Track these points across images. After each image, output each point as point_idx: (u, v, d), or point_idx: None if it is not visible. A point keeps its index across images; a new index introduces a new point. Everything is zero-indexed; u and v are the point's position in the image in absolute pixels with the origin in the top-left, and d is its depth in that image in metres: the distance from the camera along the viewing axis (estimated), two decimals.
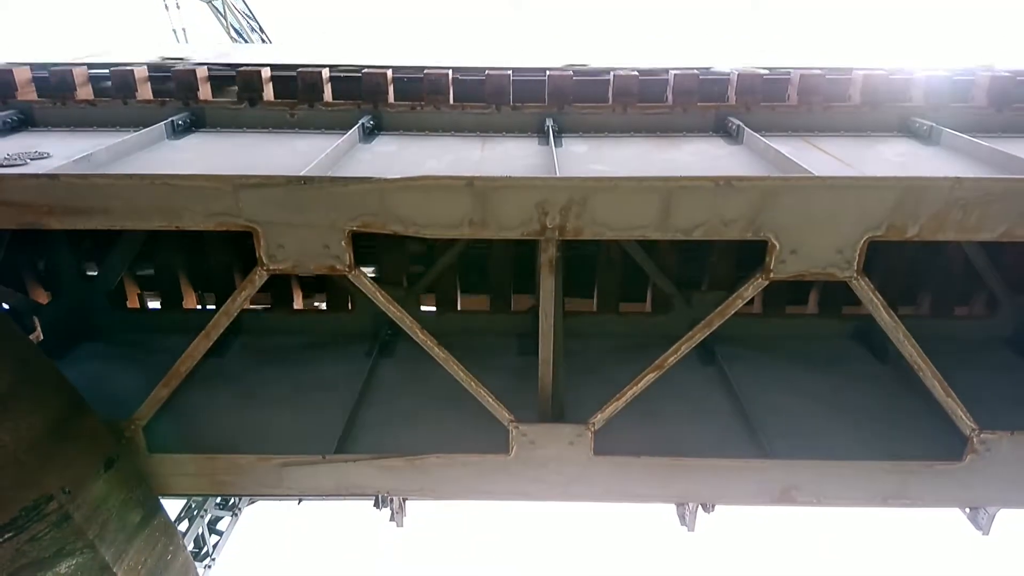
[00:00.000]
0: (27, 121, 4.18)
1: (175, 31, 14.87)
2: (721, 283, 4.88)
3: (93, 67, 4.43)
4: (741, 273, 4.89)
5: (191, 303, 5.38)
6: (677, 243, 4.90)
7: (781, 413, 4.03)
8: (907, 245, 4.85)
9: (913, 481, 3.52)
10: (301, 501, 9.73)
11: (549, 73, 4.23)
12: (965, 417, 3.38)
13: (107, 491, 3.33)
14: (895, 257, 4.99)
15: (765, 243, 3.07)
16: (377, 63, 4.47)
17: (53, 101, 4.24)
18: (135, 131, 3.89)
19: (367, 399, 4.23)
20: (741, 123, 4.01)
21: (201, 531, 11.56)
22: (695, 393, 4.23)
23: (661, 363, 3.40)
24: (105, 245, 5.04)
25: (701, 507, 3.94)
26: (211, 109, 4.29)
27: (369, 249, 4.89)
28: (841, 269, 3.08)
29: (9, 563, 2.95)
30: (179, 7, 14.76)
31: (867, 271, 3.12)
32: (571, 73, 4.23)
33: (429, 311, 5.14)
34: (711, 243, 4.85)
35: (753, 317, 4.97)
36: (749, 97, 4.26)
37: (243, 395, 4.25)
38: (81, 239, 5.19)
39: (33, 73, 4.32)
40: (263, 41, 16.05)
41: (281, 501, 10.42)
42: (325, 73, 4.28)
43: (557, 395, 3.60)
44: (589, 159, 3.68)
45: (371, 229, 3.08)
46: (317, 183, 3.00)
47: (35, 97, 4.31)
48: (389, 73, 4.28)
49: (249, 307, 5.01)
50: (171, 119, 4.05)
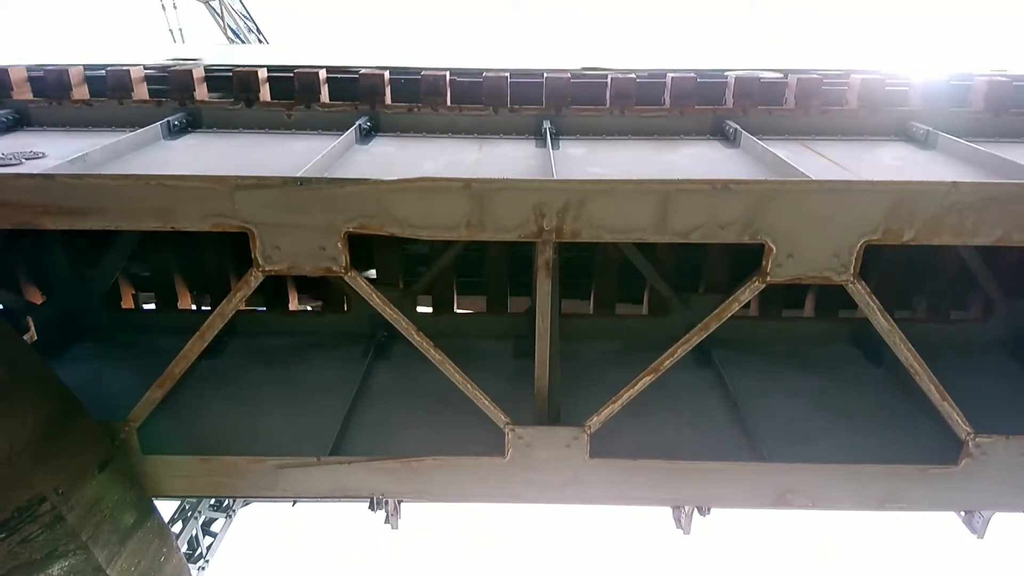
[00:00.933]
0: (23, 120, 4.16)
1: (172, 31, 14.85)
2: (718, 286, 4.89)
3: (89, 67, 4.42)
4: (738, 276, 4.90)
5: (186, 304, 5.37)
6: (674, 246, 4.90)
7: (777, 416, 4.03)
8: (903, 249, 4.86)
9: (908, 485, 3.52)
10: (295, 503, 9.71)
11: (547, 75, 4.23)
12: (961, 421, 3.38)
13: (101, 492, 3.31)
14: (891, 261, 4.99)
15: (762, 246, 3.07)
16: (374, 64, 4.47)
17: (49, 101, 4.22)
18: (131, 131, 3.88)
19: (362, 401, 4.22)
20: (738, 126, 4.01)
21: (195, 533, 11.53)
22: (691, 396, 4.23)
23: (657, 366, 3.40)
24: (100, 245, 5.01)
25: (697, 510, 3.95)
26: (207, 109, 4.27)
27: (366, 250, 4.89)
28: (837, 273, 3.08)
29: (1, 564, 2.93)
30: (176, 7, 14.75)
31: (863, 275, 3.12)
32: (568, 75, 4.24)
33: (426, 312, 5.13)
34: (708, 246, 4.85)
35: (750, 320, 4.97)
36: (746, 100, 4.26)
37: (238, 396, 4.23)
38: (76, 239, 5.16)
39: (29, 72, 4.30)
40: (260, 42, 16.04)
41: (275, 503, 10.39)
42: (322, 74, 4.28)
43: (553, 398, 3.59)
44: (586, 161, 3.67)
45: (368, 231, 3.07)
46: (314, 184, 2.99)
47: (31, 96, 4.30)
48: (386, 74, 4.28)
49: (244, 308, 5.00)
50: (167, 119, 4.04)
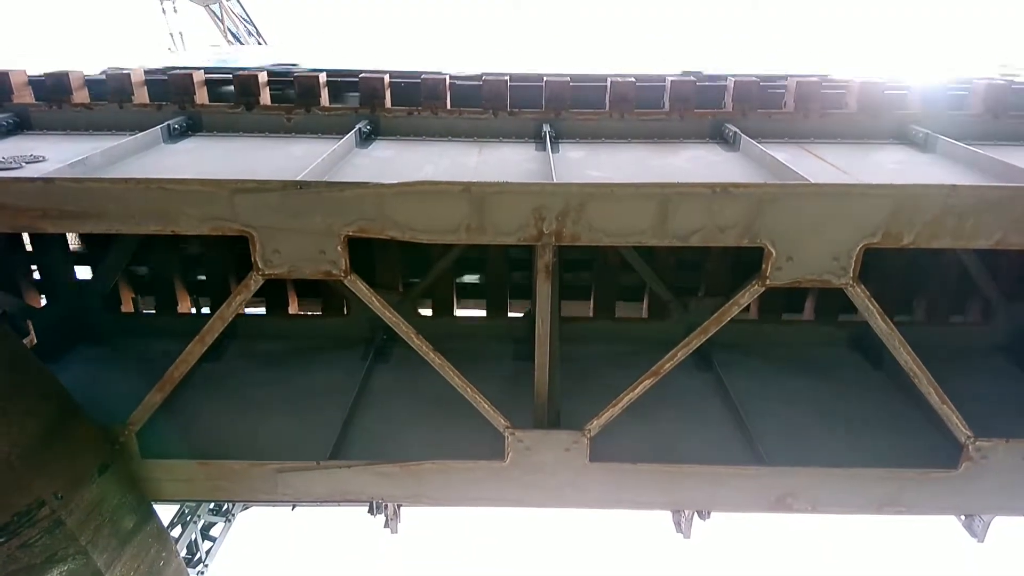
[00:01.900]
0: (23, 124, 4.16)
1: (172, 35, 14.87)
2: (718, 290, 4.89)
3: (89, 72, 4.42)
4: (737, 280, 4.90)
5: (186, 307, 5.37)
6: (674, 249, 4.90)
7: (777, 420, 4.02)
8: (902, 253, 4.87)
9: (908, 489, 3.52)
10: (295, 507, 9.70)
11: (546, 79, 4.23)
12: (960, 424, 3.38)
13: (100, 496, 3.31)
14: (890, 265, 4.99)
15: (761, 250, 3.07)
16: (374, 67, 4.48)
17: (49, 104, 4.22)
18: (131, 135, 3.88)
19: (362, 405, 4.21)
20: (738, 130, 4.01)
21: (194, 537, 11.51)
22: (692, 399, 4.23)
23: (658, 369, 3.40)
24: (100, 249, 5.01)
25: (697, 514, 3.95)
26: (207, 113, 4.28)
27: (365, 254, 4.89)
28: (837, 276, 3.08)
29: (1, 569, 2.92)
30: (176, 11, 14.77)
31: (863, 278, 3.13)
32: (568, 79, 4.24)
33: (425, 316, 5.12)
34: (708, 250, 4.85)
35: (750, 323, 4.97)
36: (746, 104, 4.27)
37: (237, 400, 4.23)
38: (76, 242, 5.17)
39: (29, 76, 4.31)
40: (260, 44, 16.06)
41: (275, 507, 10.37)
42: (322, 78, 4.28)
43: (553, 401, 3.59)
44: (586, 165, 3.68)
45: (367, 234, 3.07)
46: (313, 188, 2.99)
47: (31, 100, 4.30)
48: (386, 78, 4.28)
49: (244, 312, 5.00)
50: (167, 123, 4.04)
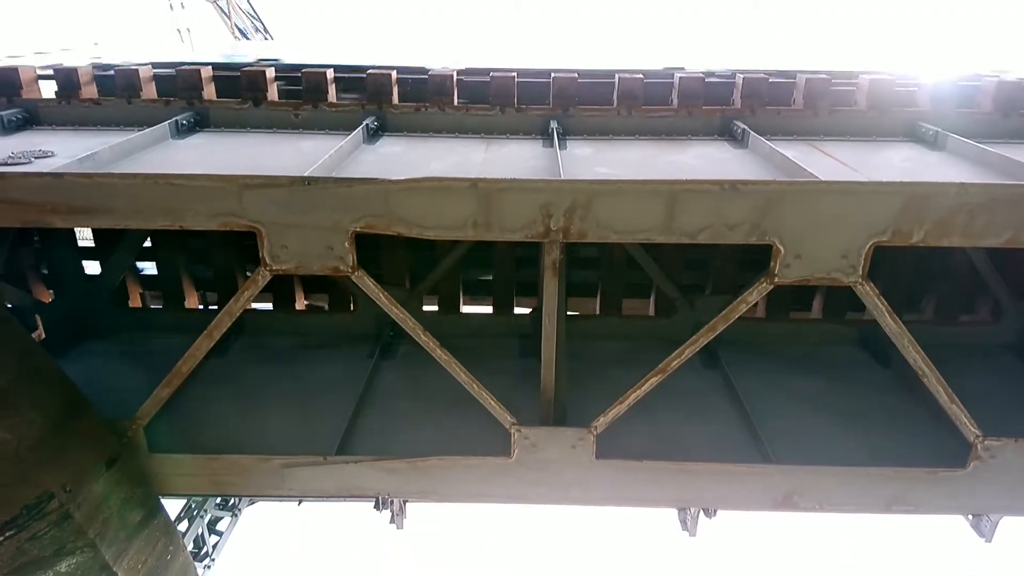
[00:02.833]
0: (32, 120, 4.18)
1: (179, 31, 14.90)
2: (725, 287, 4.87)
3: (98, 67, 4.44)
4: (745, 278, 4.89)
5: (193, 303, 5.38)
6: (681, 247, 4.89)
7: (784, 418, 4.01)
8: (911, 251, 4.84)
9: (916, 488, 3.50)
10: (301, 502, 9.72)
11: (554, 75, 4.22)
12: (969, 423, 3.36)
13: (108, 490, 3.32)
14: (900, 263, 4.96)
15: (770, 247, 3.06)
16: (382, 63, 4.47)
17: (58, 100, 4.24)
18: (139, 130, 3.89)
19: (369, 400, 4.22)
20: (746, 127, 3.99)
21: (201, 531, 11.55)
22: (698, 397, 4.22)
23: (664, 367, 3.39)
24: (108, 244, 5.03)
25: (703, 512, 3.92)
26: (215, 109, 4.28)
27: (372, 250, 4.89)
28: (846, 274, 3.07)
29: (10, 561, 2.94)
30: (183, 7, 14.80)
31: (871, 277, 3.11)
32: (576, 75, 4.23)
33: (432, 312, 5.12)
34: (715, 247, 4.84)
35: (757, 322, 4.95)
36: (755, 100, 4.25)
37: (245, 395, 4.24)
38: (84, 238, 5.19)
39: (38, 72, 4.32)
40: (267, 40, 16.08)
41: (281, 502, 10.40)
42: (329, 74, 4.28)
43: (559, 398, 3.59)
44: (594, 161, 3.67)
45: (375, 230, 3.07)
46: (321, 184, 2.99)
47: (40, 95, 4.31)
48: (393, 74, 4.28)
49: (251, 307, 5.01)
50: (175, 118, 4.05)
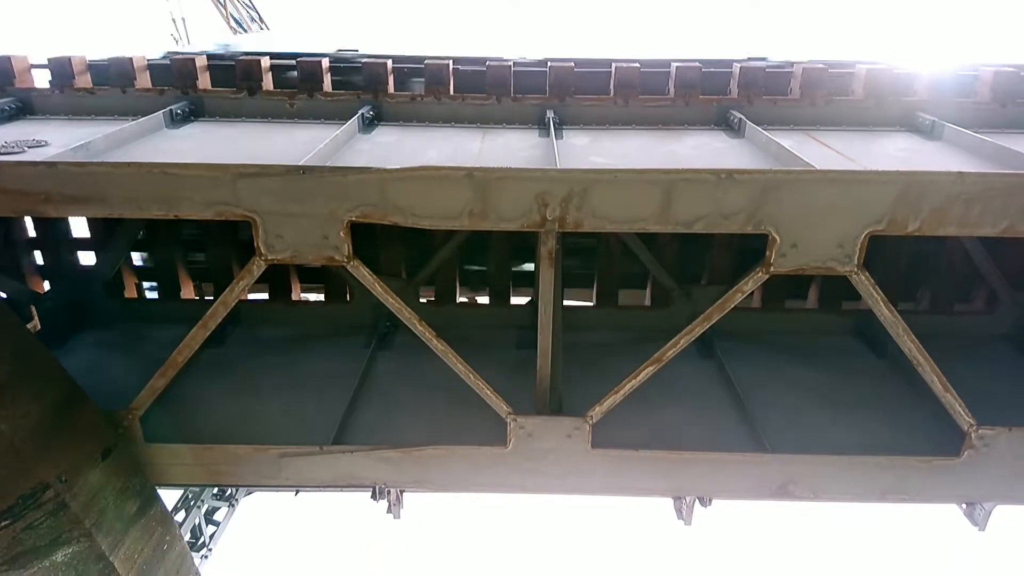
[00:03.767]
0: (25, 109, 4.16)
1: (175, 21, 14.81)
2: (721, 277, 4.87)
3: (93, 57, 4.41)
4: (741, 267, 4.89)
5: (189, 293, 5.37)
6: (677, 237, 4.89)
7: (779, 407, 4.02)
8: (907, 241, 4.84)
9: (910, 476, 3.52)
10: (298, 492, 9.75)
11: (550, 64, 4.20)
12: (963, 412, 3.37)
13: (104, 480, 3.32)
14: (895, 252, 4.97)
15: (766, 237, 3.06)
16: (377, 53, 4.45)
17: (52, 89, 4.21)
18: (134, 120, 3.87)
19: (365, 391, 4.23)
20: (743, 116, 3.98)
21: (198, 521, 11.60)
22: (694, 387, 4.22)
23: (660, 356, 3.40)
24: (103, 234, 5.01)
25: (698, 501, 3.95)
26: (210, 98, 4.26)
27: (368, 240, 4.88)
28: (841, 263, 3.07)
29: (5, 551, 2.95)
30: None
31: (867, 266, 3.11)
32: (572, 64, 4.21)
33: (428, 303, 5.12)
34: (711, 237, 4.84)
35: (753, 311, 4.96)
36: (751, 90, 4.24)
37: (241, 386, 4.24)
38: (79, 227, 5.17)
39: (32, 61, 4.29)
40: (263, 31, 15.99)
41: (278, 492, 10.43)
42: (325, 63, 4.26)
43: (555, 388, 3.59)
44: (590, 151, 3.66)
45: (370, 219, 3.07)
46: (316, 173, 2.98)
47: (34, 85, 4.29)
48: (389, 63, 4.26)
49: (247, 298, 5.01)
50: (170, 108, 4.03)
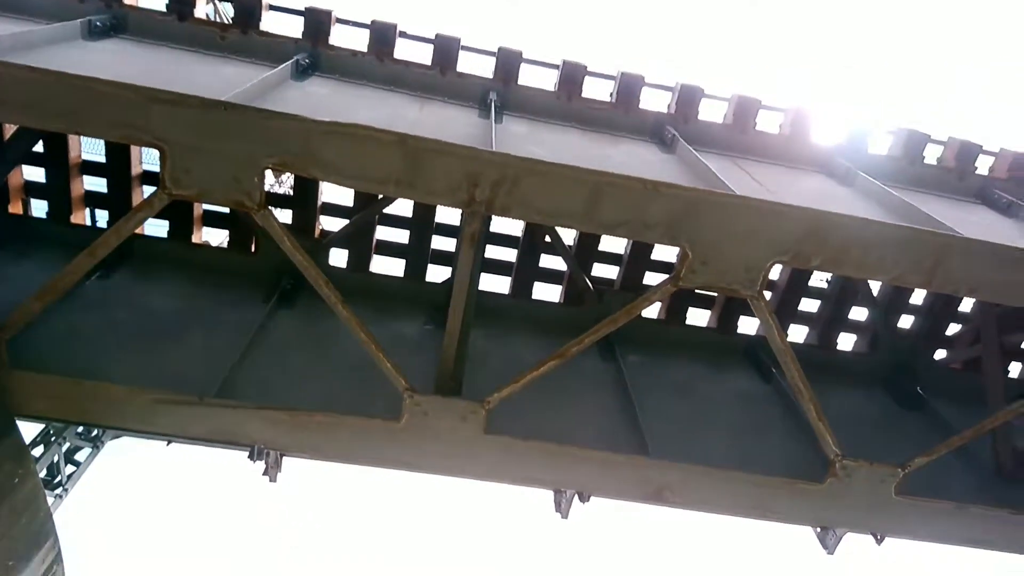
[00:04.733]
0: None
1: None
2: (632, 285, 4.99)
3: None
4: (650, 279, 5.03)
5: (80, 219, 4.99)
6: (598, 240, 4.97)
7: (667, 416, 4.13)
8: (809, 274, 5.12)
9: (776, 496, 3.72)
10: (170, 443, 9.28)
11: (500, 47, 4.16)
12: (832, 442, 3.60)
13: None
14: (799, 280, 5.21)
15: (680, 251, 3.15)
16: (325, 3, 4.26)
17: None
18: (47, 23, 3.54)
19: (258, 346, 4.04)
20: (676, 133, 4.08)
21: (56, 459, 10.87)
22: (593, 387, 4.29)
23: (564, 352, 3.43)
24: None
25: (578, 496, 4.00)
26: (135, 15, 3.97)
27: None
28: (745, 286, 3.20)
29: None
30: None
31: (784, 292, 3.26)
32: (520, 52, 4.19)
33: (339, 267, 4.97)
34: (629, 245, 4.95)
35: (656, 322, 5.11)
36: (688, 109, 4.36)
37: (125, 323, 3.97)
38: None
39: None
40: None
41: (148, 439, 9.90)
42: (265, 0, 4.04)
43: (458, 370, 3.57)
44: (527, 140, 3.65)
45: (289, 169, 2.94)
46: (239, 111, 2.82)
47: None
48: (335, 14, 4.09)
49: (143, 232, 4.70)
50: (89, 18, 3.72)
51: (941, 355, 5.26)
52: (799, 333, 5.30)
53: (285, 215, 4.77)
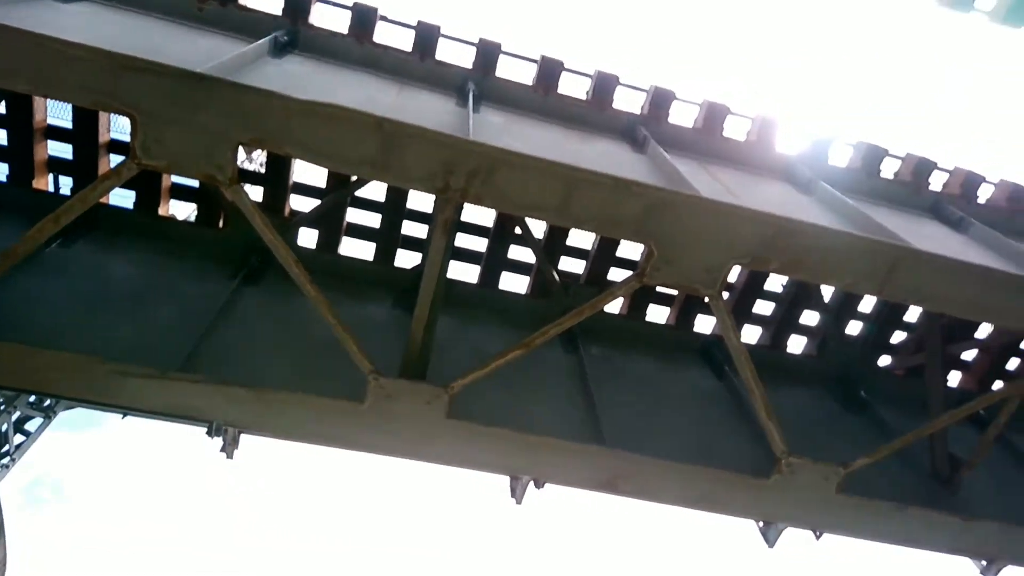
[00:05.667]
0: None
1: None
2: (597, 280, 5.07)
3: None
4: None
5: (43, 184, 4.86)
6: (566, 234, 5.03)
7: (623, 408, 4.21)
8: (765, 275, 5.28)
9: (724, 489, 3.85)
10: (126, 416, 9.11)
11: (480, 38, 4.19)
12: (779, 440, 3.73)
13: None
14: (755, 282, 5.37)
15: (645, 248, 3.23)
16: None
17: None
18: None
19: (224, 323, 4.01)
20: (648, 134, 4.17)
21: (5, 428, 10.57)
22: (554, 377, 4.35)
23: (528, 342, 3.50)
24: None
25: (533, 483, 4.07)
26: None
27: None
28: (705, 286, 3.30)
29: None
30: None
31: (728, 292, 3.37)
32: (500, 44, 4.23)
33: (308, 248, 4.94)
34: (596, 240, 5.03)
35: (619, 317, 5.19)
36: (660, 112, 4.46)
37: (87, 292, 3.90)
38: None
39: None
40: None
41: (103, 411, 9.68)
42: None
43: (424, 355, 3.60)
44: (503, 131, 3.70)
45: (264, 146, 2.95)
46: (215, 84, 2.81)
47: None
48: None
49: (108, 201, 4.61)
50: None
51: (886, 361, 5.49)
52: (752, 334, 5.47)
53: (256, 192, 4.73)
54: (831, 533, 4.09)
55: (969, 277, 3.40)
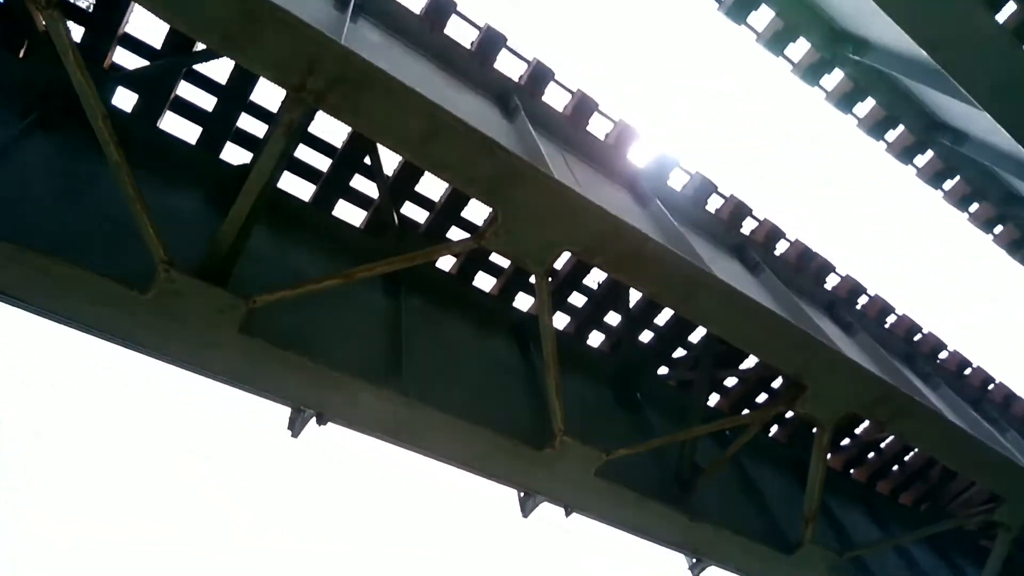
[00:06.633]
0: None
1: None
2: (440, 232, 4.97)
3: None
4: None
5: None
6: (415, 180, 4.87)
7: (427, 361, 4.20)
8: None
9: (500, 454, 4.00)
10: None
11: None
12: (560, 417, 3.94)
13: None
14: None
15: (490, 213, 3.25)
16: None
17: None
18: None
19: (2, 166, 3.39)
20: (521, 105, 4.19)
21: None
22: (368, 317, 4.23)
23: (350, 274, 3.37)
24: None
25: (315, 418, 3.89)
26: None
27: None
28: (536, 264, 3.40)
29: None
30: None
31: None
32: None
33: (122, 110, 4.33)
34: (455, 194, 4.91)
35: (447, 275, 5.14)
36: (537, 87, 4.49)
37: None
38: None
39: None
40: None
41: None
42: None
43: (230, 260, 3.28)
44: (377, 53, 3.49)
45: None
46: None
47: None
48: None
49: None
50: None
51: (664, 371, 6.06)
52: (561, 321, 5.74)
53: (77, 31, 4.04)
54: (580, 513, 4.43)
55: (753, 314, 3.86)
